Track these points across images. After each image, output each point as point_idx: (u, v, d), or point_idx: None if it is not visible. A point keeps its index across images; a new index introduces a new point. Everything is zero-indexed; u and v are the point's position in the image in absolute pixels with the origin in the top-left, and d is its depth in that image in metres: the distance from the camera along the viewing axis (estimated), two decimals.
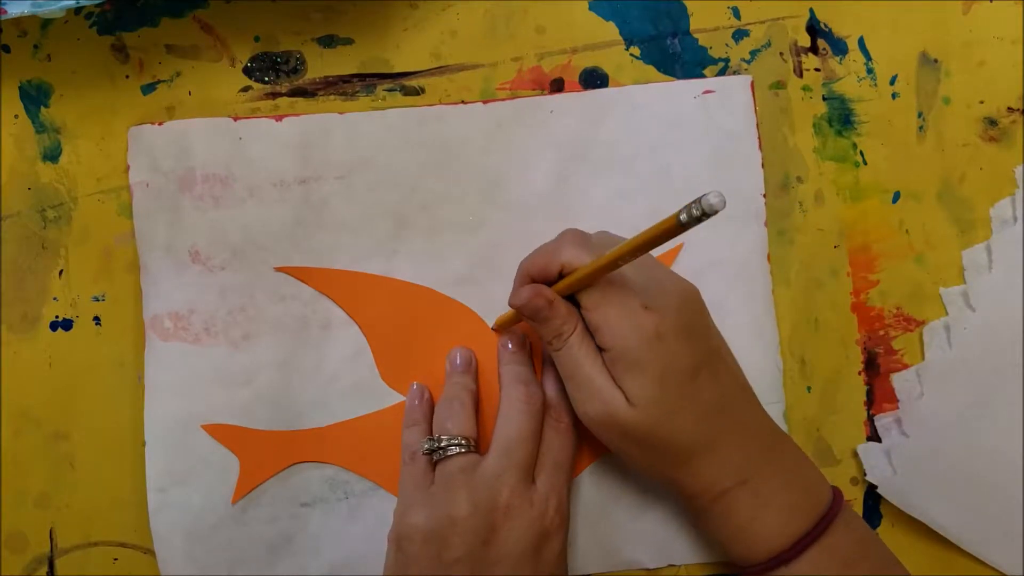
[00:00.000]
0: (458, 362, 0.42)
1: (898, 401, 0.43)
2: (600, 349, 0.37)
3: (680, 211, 0.30)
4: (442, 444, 0.39)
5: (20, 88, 0.43)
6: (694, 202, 0.29)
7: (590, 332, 0.37)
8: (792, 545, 0.36)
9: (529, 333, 0.42)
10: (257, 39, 0.44)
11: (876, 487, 0.43)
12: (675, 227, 0.30)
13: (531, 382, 0.40)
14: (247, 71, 0.44)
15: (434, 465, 0.39)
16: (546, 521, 0.38)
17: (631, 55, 0.44)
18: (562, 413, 0.40)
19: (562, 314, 0.37)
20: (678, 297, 0.37)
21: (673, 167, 0.43)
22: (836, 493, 0.38)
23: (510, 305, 0.39)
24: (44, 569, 0.43)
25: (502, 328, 0.42)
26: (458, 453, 0.38)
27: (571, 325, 0.37)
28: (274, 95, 0.44)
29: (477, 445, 0.39)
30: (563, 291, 0.37)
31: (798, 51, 0.44)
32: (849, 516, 0.38)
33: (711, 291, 0.42)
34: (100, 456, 0.43)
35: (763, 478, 0.37)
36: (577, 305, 0.37)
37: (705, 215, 0.29)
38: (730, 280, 0.43)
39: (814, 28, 0.44)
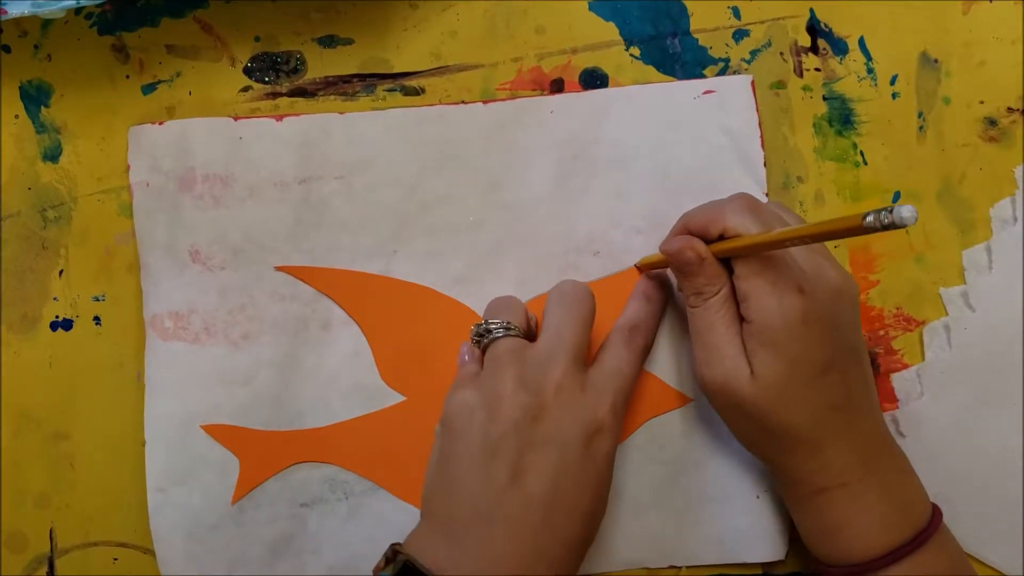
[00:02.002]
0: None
1: (898, 401, 0.43)
2: (741, 318, 0.36)
3: (868, 213, 0.28)
4: (489, 327, 0.38)
5: (20, 88, 0.43)
6: (886, 209, 0.28)
7: (735, 298, 0.36)
8: (883, 555, 0.36)
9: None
10: (257, 39, 0.44)
11: None
12: (857, 228, 0.29)
13: (578, 282, 0.39)
14: (247, 71, 0.44)
15: (483, 354, 0.39)
16: (598, 414, 0.36)
17: (631, 55, 0.44)
18: (638, 335, 0.39)
19: (709, 274, 0.36)
20: (834, 288, 0.36)
21: (673, 167, 0.43)
22: (936, 512, 0.38)
23: (660, 250, 0.39)
24: (44, 569, 0.43)
25: (644, 268, 0.42)
26: (505, 335, 0.38)
27: (715, 288, 0.36)
28: (274, 95, 0.44)
29: (527, 335, 0.39)
30: (719, 254, 0.36)
31: (798, 51, 0.44)
32: (945, 537, 0.37)
33: None
34: (100, 456, 0.43)
35: (865, 485, 0.36)
36: (729, 268, 0.37)
37: (894, 226, 0.28)
38: None
39: (814, 28, 0.44)
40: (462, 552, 0.34)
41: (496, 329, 0.38)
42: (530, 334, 0.40)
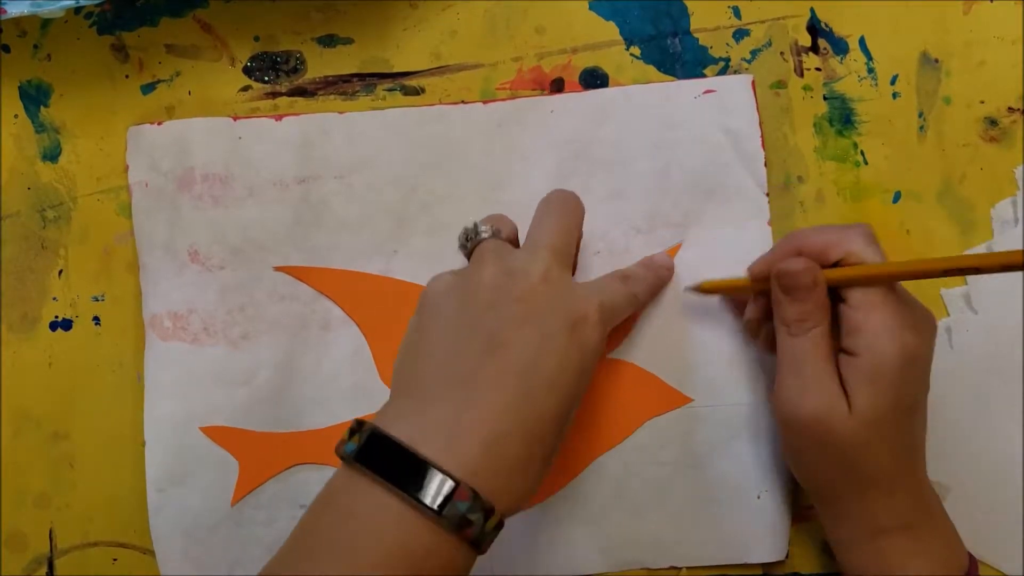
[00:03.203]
0: None
1: None
2: (841, 350, 0.35)
3: None
4: (478, 229, 0.36)
5: (20, 88, 0.43)
6: None
7: (836, 329, 0.35)
8: None
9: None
10: (257, 39, 0.44)
11: None
12: (1017, 265, 0.28)
13: (568, 191, 0.38)
14: (247, 71, 0.44)
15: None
16: (586, 307, 0.34)
17: (631, 55, 0.44)
18: (631, 282, 0.38)
19: (818, 302, 0.35)
20: (933, 327, 0.36)
21: (673, 167, 0.43)
22: (971, 556, 0.37)
23: (772, 271, 0.36)
24: (44, 569, 0.43)
25: (709, 291, 0.40)
26: (492, 237, 0.36)
27: (819, 317, 0.35)
28: (274, 95, 0.44)
29: (513, 243, 0.37)
30: (832, 281, 0.35)
31: (799, 51, 0.44)
32: None
33: None
34: (100, 456, 0.43)
35: (925, 527, 0.36)
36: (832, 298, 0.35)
37: None
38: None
39: (815, 28, 0.44)
40: (434, 420, 0.32)
41: (484, 231, 0.36)
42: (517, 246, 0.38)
